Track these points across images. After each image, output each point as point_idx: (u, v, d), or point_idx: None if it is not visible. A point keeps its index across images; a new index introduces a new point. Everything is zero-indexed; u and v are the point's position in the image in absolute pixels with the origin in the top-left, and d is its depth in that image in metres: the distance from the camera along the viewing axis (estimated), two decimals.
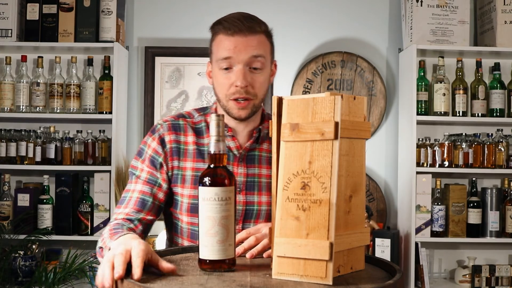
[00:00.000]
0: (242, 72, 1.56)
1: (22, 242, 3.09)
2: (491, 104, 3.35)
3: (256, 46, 1.58)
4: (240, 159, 1.64)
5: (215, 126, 1.21)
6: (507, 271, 3.32)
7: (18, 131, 3.29)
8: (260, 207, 1.61)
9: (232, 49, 1.56)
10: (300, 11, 3.54)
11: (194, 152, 1.63)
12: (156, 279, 1.13)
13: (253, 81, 1.58)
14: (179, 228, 1.65)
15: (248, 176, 1.63)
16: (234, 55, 1.56)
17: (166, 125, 1.66)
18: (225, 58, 1.57)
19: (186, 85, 3.50)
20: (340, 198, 1.11)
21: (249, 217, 1.61)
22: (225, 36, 1.58)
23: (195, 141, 1.65)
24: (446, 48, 3.31)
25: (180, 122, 1.67)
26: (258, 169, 1.64)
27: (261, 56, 1.58)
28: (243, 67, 1.57)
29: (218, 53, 1.59)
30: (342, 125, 1.11)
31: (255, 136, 1.65)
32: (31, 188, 3.33)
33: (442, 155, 3.32)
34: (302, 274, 1.11)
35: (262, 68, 1.60)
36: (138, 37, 3.52)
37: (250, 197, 1.62)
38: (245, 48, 1.56)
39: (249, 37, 1.57)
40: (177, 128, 1.66)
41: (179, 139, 1.64)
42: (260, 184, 1.63)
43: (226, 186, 1.19)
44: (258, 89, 1.60)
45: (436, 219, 3.29)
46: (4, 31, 3.23)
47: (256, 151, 1.66)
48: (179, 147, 1.64)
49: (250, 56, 1.57)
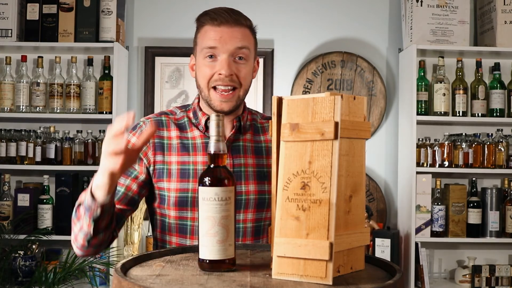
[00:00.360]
0: (226, 61, 1.58)
1: (22, 242, 3.09)
2: (491, 104, 3.35)
3: (242, 38, 1.60)
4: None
5: (215, 126, 1.21)
6: (507, 271, 3.32)
7: (18, 131, 3.29)
8: (248, 196, 1.62)
9: (218, 39, 1.58)
10: (300, 11, 3.54)
11: (178, 146, 1.64)
12: (156, 279, 1.13)
13: (238, 70, 1.60)
14: (167, 225, 1.64)
15: (234, 167, 1.63)
16: (220, 45, 1.58)
17: (149, 122, 1.67)
18: (210, 48, 1.59)
19: (186, 85, 3.50)
20: (340, 198, 1.11)
21: (238, 207, 1.60)
22: (211, 27, 1.60)
23: (178, 136, 1.65)
24: (446, 48, 3.31)
25: (163, 118, 1.68)
26: (244, 159, 1.64)
27: (245, 47, 1.60)
28: (227, 57, 1.59)
29: (204, 43, 1.61)
30: (342, 125, 1.11)
31: (236, 126, 1.65)
32: (31, 188, 3.33)
33: (442, 155, 3.32)
34: (302, 274, 1.11)
35: (246, 60, 1.62)
36: (138, 37, 3.52)
37: (238, 187, 1.61)
38: (231, 39, 1.59)
39: (235, 28, 1.60)
40: (159, 124, 1.67)
41: (162, 135, 1.65)
42: (247, 173, 1.63)
43: (226, 186, 1.19)
44: (243, 79, 1.61)
45: (436, 219, 3.30)
46: (4, 31, 3.23)
47: (240, 141, 1.67)
48: (162, 142, 1.64)
49: (235, 47, 1.59)
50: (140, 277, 1.16)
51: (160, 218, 1.67)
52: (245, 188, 1.62)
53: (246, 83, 1.63)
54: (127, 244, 3.25)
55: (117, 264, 1.20)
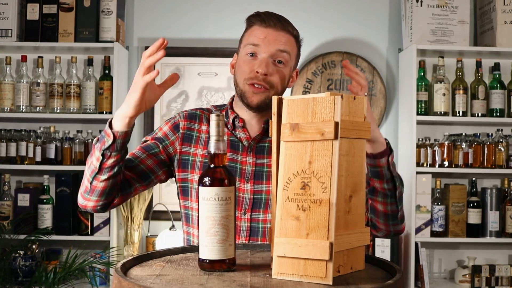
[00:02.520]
0: (265, 61, 1.62)
1: (22, 242, 3.09)
2: (491, 104, 3.35)
3: (285, 42, 1.64)
4: (249, 149, 1.66)
5: (215, 126, 1.21)
6: (507, 271, 3.32)
7: (18, 131, 3.29)
8: (268, 196, 1.63)
9: (262, 38, 1.63)
10: (300, 11, 3.54)
11: (206, 140, 1.68)
12: (156, 279, 1.13)
13: (274, 72, 1.63)
14: (191, 218, 1.68)
15: (256, 166, 1.65)
16: (262, 44, 1.62)
17: (183, 114, 1.73)
18: (253, 44, 1.63)
19: (186, 85, 3.50)
20: (340, 198, 1.11)
21: (257, 207, 1.62)
22: (259, 27, 1.65)
23: (208, 131, 1.68)
24: (446, 48, 3.31)
25: (198, 112, 1.73)
26: (267, 159, 1.65)
27: (286, 52, 1.64)
28: (267, 57, 1.62)
29: (248, 40, 1.65)
30: (342, 125, 1.11)
31: (264, 128, 1.68)
32: (31, 188, 3.34)
33: (442, 155, 3.32)
34: (302, 274, 1.11)
35: (284, 64, 1.65)
36: (138, 37, 3.52)
37: (258, 186, 1.63)
38: (274, 41, 1.63)
39: (280, 32, 1.65)
40: (193, 117, 1.72)
41: (192, 127, 1.70)
42: (269, 174, 1.64)
43: (226, 186, 1.19)
44: (277, 82, 1.63)
45: (436, 219, 3.30)
46: (4, 31, 3.24)
47: (266, 142, 1.68)
48: (191, 134, 1.69)
49: (276, 49, 1.63)
50: (140, 277, 1.16)
51: (184, 211, 1.70)
52: (265, 188, 1.63)
53: (279, 87, 1.65)
54: (127, 244, 3.25)
55: (117, 264, 1.20)
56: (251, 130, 1.69)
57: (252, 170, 1.64)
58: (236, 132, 1.68)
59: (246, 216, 1.62)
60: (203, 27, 3.52)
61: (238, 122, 1.68)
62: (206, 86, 3.48)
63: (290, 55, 1.65)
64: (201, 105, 3.46)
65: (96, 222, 3.24)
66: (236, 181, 1.37)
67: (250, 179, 1.64)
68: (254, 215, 1.62)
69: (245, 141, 1.67)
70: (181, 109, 3.48)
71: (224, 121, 1.69)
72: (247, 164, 1.65)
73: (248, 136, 1.68)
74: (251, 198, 1.62)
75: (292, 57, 1.67)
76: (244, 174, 1.64)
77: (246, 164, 1.64)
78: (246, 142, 1.67)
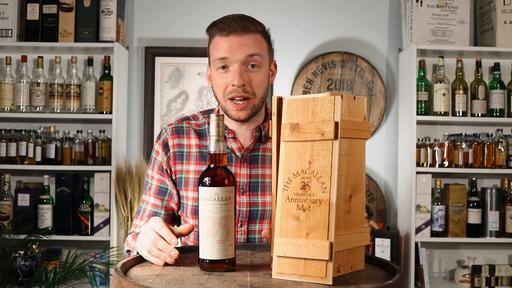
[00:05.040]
0: (238, 71, 1.56)
1: (22, 242, 3.09)
2: (491, 104, 3.35)
3: (252, 45, 1.58)
4: (243, 160, 1.64)
5: (215, 126, 1.21)
6: (507, 271, 3.32)
7: (18, 131, 3.29)
8: (265, 207, 1.61)
9: (227, 49, 1.57)
10: (300, 11, 3.54)
11: (197, 155, 1.65)
12: (156, 279, 1.13)
13: (250, 80, 1.58)
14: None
15: (251, 177, 1.63)
16: (230, 55, 1.57)
17: (170, 129, 1.69)
18: (221, 59, 1.58)
19: (186, 85, 3.50)
20: (340, 198, 1.11)
21: (253, 218, 1.61)
22: (220, 37, 1.58)
23: (197, 144, 1.66)
24: (446, 48, 3.31)
25: (184, 125, 1.69)
26: (262, 169, 1.64)
27: (257, 54, 1.58)
28: (239, 67, 1.57)
29: (215, 54, 1.60)
30: (342, 125, 1.11)
31: (255, 136, 1.65)
32: (31, 188, 3.33)
33: (442, 155, 3.32)
34: (302, 274, 1.11)
35: (259, 67, 1.60)
36: (138, 37, 3.52)
37: (254, 198, 1.61)
38: (240, 47, 1.57)
39: (244, 36, 1.57)
40: (180, 131, 1.68)
41: (182, 143, 1.67)
42: (264, 184, 1.63)
43: (226, 186, 1.19)
44: (256, 88, 1.59)
45: (436, 219, 3.30)
46: (4, 31, 3.23)
47: (260, 151, 1.66)
48: (182, 150, 1.66)
49: (245, 55, 1.57)
50: (140, 277, 1.16)
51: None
52: (261, 199, 1.62)
53: (260, 92, 1.61)
54: None
55: (117, 264, 1.20)
56: (242, 140, 1.66)
57: (247, 182, 1.62)
58: (227, 143, 1.64)
59: (243, 228, 1.60)
60: (203, 27, 3.49)
61: (227, 134, 1.64)
62: (206, 86, 3.48)
63: (262, 55, 1.59)
64: (201, 105, 3.47)
65: (96, 222, 3.24)
66: (236, 181, 1.37)
67: (245, 191, 1.61)
68: (251, 227, 1.61)
69: (237, 151, 1.64)
70: (181, 109, 3.48)
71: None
72: (242, 176, 1.62)
73: (240, 146, 1.64)
74: (247, 210, 1.61)
75: (264, 55, 1.61)
76: (239, 186, 1.61)
77: (240, 176, 1.62)
78: (239, 153, 1.64)
